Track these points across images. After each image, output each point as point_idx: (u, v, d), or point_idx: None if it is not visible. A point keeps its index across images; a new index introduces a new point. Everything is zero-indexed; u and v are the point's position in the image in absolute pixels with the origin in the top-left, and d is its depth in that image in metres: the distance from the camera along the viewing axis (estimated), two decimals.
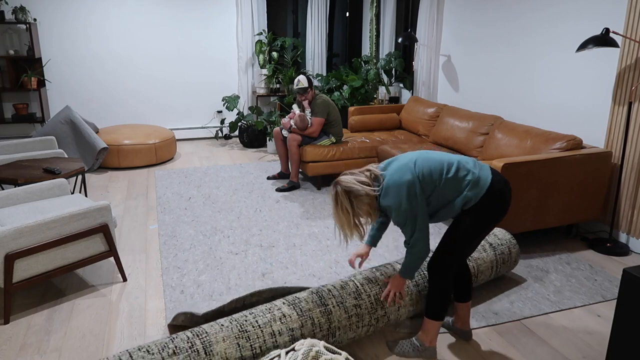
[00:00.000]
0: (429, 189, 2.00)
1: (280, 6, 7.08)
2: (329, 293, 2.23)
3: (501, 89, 4.55)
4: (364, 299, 2.25)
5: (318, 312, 2.14)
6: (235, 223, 3.82)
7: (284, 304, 2.15)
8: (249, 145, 6.41)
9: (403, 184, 1.95)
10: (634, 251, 3.38)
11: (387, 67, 6.22)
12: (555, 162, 3.23)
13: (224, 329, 1.98)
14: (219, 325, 2.00)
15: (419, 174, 1.98)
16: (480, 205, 2.00)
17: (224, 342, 1.93)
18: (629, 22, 3.27)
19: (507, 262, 2.82)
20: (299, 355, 1.68)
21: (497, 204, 2.02)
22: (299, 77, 4.55)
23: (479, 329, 2.47)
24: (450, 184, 2.00)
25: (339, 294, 2.23)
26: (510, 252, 2.83)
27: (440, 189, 2.00)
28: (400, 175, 1.97)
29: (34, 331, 2.42)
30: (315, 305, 2.16)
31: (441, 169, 2.01)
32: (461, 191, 2.00)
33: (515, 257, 2.87)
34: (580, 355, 2.27)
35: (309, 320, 2.11)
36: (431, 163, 2.02)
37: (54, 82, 6.03)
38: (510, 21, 4.36)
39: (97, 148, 5.03)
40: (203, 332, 1.96)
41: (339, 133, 4.77)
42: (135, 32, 6.24)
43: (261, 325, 2.03)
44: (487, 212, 2.02)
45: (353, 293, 2.25)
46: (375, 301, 2.27)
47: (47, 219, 2.50)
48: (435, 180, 1.99)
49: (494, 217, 2.03)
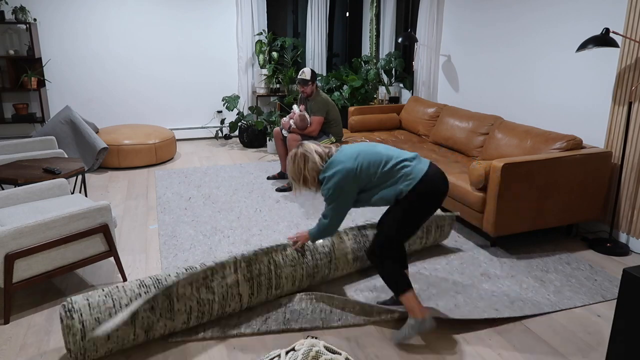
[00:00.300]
0: (364, 179, 2.27)
1: (280, 6, 7.08)
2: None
3: (501, 89, 4.55)
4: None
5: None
6: (235, 223, 3.82)
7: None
8: (249, 145, 6.41)
9: (340, 170, 2.24)
10: (634, 251, 3.38)
11: (387, 67, 6.22)
12: (555, 162, 3.23)
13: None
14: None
15: (357, 166, 2.25)
16: (411, 196, 2.23)
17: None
18: (629, 22, 3.27)
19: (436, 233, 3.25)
20: (298, 355, 1.69)
21: (426, 196, 2.24)
22: (304, 69, 4.60)
23: (480, 329, 2.47)
24: (385, 177, 2.26)
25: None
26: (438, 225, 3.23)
27: (376, 180, 2.26)
28: (341, 161, 2.27)
29: (34, 331, 2.42)
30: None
31: (379, 162, 2.27)
32: (394, 183, 2.25)
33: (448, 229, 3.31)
34: (580, 355, 2.27)
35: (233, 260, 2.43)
36: (371, 157, 2.28)
37: (54, 82, 6.03)
38: (511, 21, 4.36)
39: (97, 148, 5.03)
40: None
41: (338, 133, 4.77)
42: (135, 32, 6.24)
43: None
44: (416, 203, 2.25)
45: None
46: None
47: (47, 219, 2.50)
48: (372, 174, 2.26)
49: (424, 208, 2.27)
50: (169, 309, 2.22)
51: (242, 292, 2.42)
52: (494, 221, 3.20)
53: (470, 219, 3.44)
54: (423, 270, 3.06)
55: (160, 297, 2.20)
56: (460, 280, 2.95)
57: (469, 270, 3.08)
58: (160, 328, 2.23)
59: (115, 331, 2.11)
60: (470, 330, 2.45)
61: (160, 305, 2.20)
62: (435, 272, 3.05)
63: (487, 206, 3.25)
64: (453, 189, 3.59)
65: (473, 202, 3.35)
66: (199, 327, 2.42)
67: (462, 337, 2.40)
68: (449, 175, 3.70)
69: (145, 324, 2.18)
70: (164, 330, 2.26)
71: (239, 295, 2.42)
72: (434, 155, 4.32)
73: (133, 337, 2.17)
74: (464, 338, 2.39)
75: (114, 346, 2.15)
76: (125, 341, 2.17)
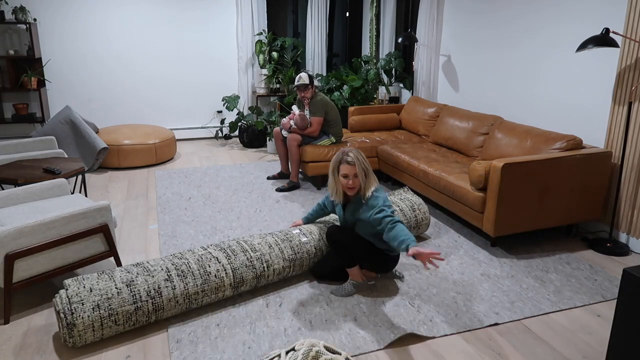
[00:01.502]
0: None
1: (280, 6, 7.08)
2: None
3: (501, 89, 4.55)
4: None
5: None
6: (235, 223, 3.82)
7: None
8: (249, 145, 6.41)
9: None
10: (634, 251, 3.38)
11: (387, 67, 6.22)
12: (555, 162, 3.23)
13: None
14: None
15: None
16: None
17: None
18: (629, 22, 3.27)
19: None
20: (299, 355, 1.69)
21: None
22: (300, 74, 4.57)
23: (480, 329, 2.47)
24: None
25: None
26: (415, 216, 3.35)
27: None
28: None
29: (34, 331, 2.42)
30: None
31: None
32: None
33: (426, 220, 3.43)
34: (580, 355, 2.27)
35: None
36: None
37: (54, 82, 6.03)
38: (511, 21, 4.36)
39: (97, 148, 5.03)
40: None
41: (338, 133, 4.77)
42: (135, 32, 6.24)
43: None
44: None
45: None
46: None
47: (47, 219, 2.50)
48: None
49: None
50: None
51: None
52: (494, 221, 3.21)
53: (470, 219, 3.44)
54: (423, 270, 3.06)
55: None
56: (460, 280, 2.95)
57: (469, 270, 3.08)
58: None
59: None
60: (470, 330, 2.46)
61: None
62: (435, 272, 3.05)
63: (487, 206, 3.25)
64: (453, 189, 3.59)
65: (473, 202, 3.35)
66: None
67: (462, 337, 2.40)
68: (449, 175, 3.70)
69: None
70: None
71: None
72: (434, 155, 4.32)
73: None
74: (463, 338, 2.40)
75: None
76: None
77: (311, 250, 2.89)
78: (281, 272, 2.78)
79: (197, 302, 2.51)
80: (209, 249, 2.67)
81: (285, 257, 2.78)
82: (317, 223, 3.08)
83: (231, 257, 2.63)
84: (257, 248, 2.73)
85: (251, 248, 2.72)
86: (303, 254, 2.85)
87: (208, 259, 2.59)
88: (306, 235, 2.92)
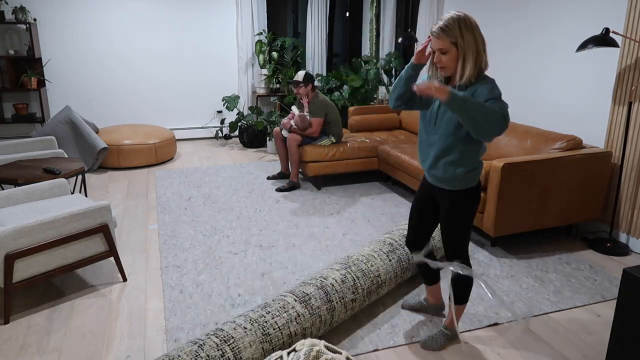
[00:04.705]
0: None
1: (280, 6, 7.08)
2: (332, 288, 2.32)
3: (501, 88, 4.55)
4: (359, 293, 2.40)
5: (325, 309, 2.24)
6: (235, 223, 3.82)
7: (296, 301, 2.19)
8: (249, 145, 6.41)
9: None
10: (634, 251, 3.38)
11: (387, 67, 6.22)
12: (555, 162, 3.23)
13: (248, 333, 1.99)
14: (242, 329, 2.00)
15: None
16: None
17: (251, 348, 1.96)
18: (629, 22, 3.27)
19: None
20: (300, 355, 1.69)
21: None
22: (299, 71, 4.61)
23: (480, 329, 2.47)
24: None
25: (341, 288, 2.34)
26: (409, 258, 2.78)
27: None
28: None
29: (34, 331, 2.42)
30: (322, 302, 2.24)
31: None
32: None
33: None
34: (580, 355, 2.27)
35: (317, 319, 2.20)
36: None
37: (54, 82, 6.03)
38: (510, 21, 4.36)
39: (97, 148, 5.03)
40: (229, 337, 1.95)
41: (338, 133, 4.77)
42: (135, 32, 6.23)
43: (281, 327, 2.07)
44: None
45: (351, 287, 2.38)
46: (367, 294, 2.46)
47: (47, 219, 2.50)
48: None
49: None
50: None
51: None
52: (494, 221, 3.21)
53: None
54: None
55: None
56: None
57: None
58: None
59: None
60: (470, 330, 2.46)
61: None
62: None
63: (487, 206, 3.25)
64: None
65: None
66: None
67: (461, 337, 2.40)
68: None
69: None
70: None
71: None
72: None
73: None
74: (464, 338, 2.39)
75: None
76: None
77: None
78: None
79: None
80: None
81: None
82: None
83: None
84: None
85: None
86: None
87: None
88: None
